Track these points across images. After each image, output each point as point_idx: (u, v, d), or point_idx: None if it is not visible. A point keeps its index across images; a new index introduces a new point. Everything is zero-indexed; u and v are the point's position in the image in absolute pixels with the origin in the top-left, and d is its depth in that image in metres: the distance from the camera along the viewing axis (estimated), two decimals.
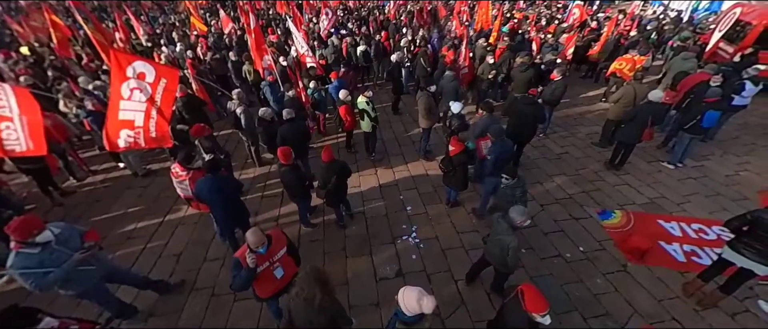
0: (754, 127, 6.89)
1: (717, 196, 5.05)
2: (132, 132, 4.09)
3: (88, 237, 2.99)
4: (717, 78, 5.26)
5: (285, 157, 3.79)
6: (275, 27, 12.37)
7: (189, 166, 3.89)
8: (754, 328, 3.32)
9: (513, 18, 11.78)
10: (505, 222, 2.93)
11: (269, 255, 2.68)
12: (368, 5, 17.40)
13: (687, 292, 3.64)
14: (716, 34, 9.22)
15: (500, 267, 3.18)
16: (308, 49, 7.57)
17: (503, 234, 2.91)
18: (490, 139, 4.18)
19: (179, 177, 3.86)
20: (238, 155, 6.50)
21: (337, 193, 4.13)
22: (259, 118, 5.23)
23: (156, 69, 4.12)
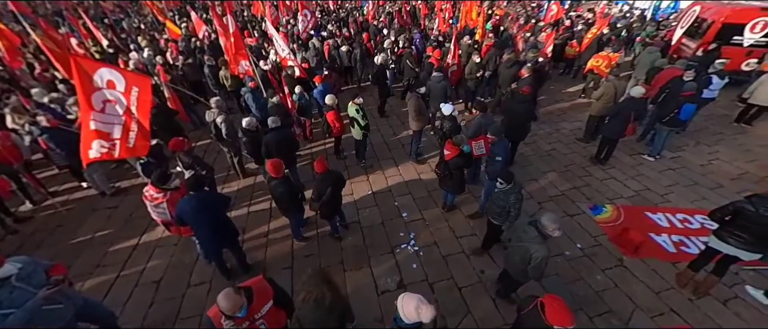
0: (720, 117, 7.34)
1: (695, 186, 5.30)
2: (107, 142, 3.71)
3: (54, 271, 2.64)
4: (690, 73, 5.53)
5: (275, 170, 3.54)
6: (252, 30, 11.86)
7: (165, 187, 3.53)
8: (751, 315, 3.44)
9: (494, 15, 11.96)
10: (534, 229, 2.72)
11: (251, 313, 2.13)
12: (346, 6, 17.14)
13: (681, 283, 3.74)
14: (678, 30, 9.83)
15: (518, 276, 3.06)
16: (290, 51, 7.26)
17: (530, 243, 2.71)
18: (490, 139, 4.11)
19: (155, 200, 3.49)
20: (218, 167, 6.09)
21: (332, 205, 3.92)
22: (242, 128, 4.90)
23: (125, 77, 3.74)
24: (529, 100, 5.04)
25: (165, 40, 10.79)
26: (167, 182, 3.56)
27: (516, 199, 3.40)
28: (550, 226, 2.61)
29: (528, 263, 2.75)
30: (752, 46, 8.00)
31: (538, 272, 2.75)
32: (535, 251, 2.67)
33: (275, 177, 3.57)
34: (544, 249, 2.65)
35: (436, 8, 14.37)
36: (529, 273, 2.81)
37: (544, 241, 2.67)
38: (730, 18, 8.05)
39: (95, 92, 3.56)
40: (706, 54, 7.57)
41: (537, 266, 2.70)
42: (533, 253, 2.67)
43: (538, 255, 2.65)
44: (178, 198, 3.49)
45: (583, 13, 12.62)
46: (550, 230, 2.62)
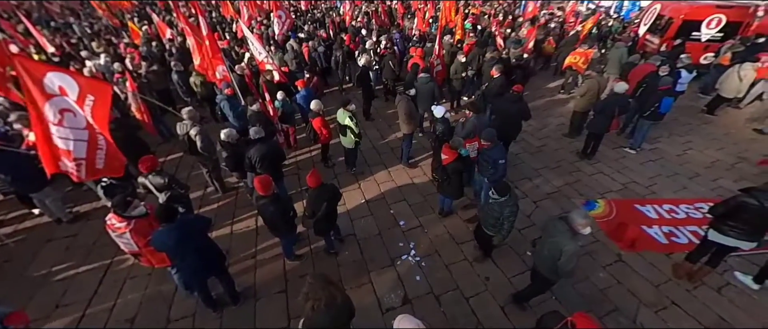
0: (687, 108, 7.77)
1: (676, 176, 5.52)
2: (70, 162, 3.19)
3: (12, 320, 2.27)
4: (665, 68, 5.76)
5: (264, 188, 3.20)
6: (222, 32, 11.15)
7: (127, 215, 3.07)
8: (742, 300, 3.56)
9: (471, 13, 12.06)
10: (564, 223, 2.70)
11: None
12: (322, 6, 16.67)
13: (678, 274, 3.82)
14: (642, 27, 10.39)
15: (548, 273, 2.98)
16: (267, 55, 6.82)
17: (560, 237, 2.68)
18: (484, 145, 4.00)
19: (117, 230, 3.03)
20: (193, 183, 5.59)
21: (327, 221, 3.63)
22: (221, 141, 4.47)
23: (79, 82, 3.25)
24: (521, 99, 5.00)
25: (125, 44, 9.86)
26: (128, 209, 3.10)
27: (511, 213, 3.26)
28: (580, 222, 2.60)
29: (558, 258, 2.70)
30: (709, 40, 8.57)
31: (568, 267, 2.69)
32: (564, 245, 2.63)
33: (264, 195, 3.23)
34: (574, 244, 2.62)
35: (412, 7, 14.32)
36: (559, 269, 2.76)
37: (574, 236, 2.65)
38: (688, 15, 8.59)
39: (49, 100, 3.05)
40: (672, 49, 7.99)
41: (567, 260, 2.65)
42: (564, 247, 2.64)
43: (569, 249, 2.62)
44: (146, 227, 3.07)
45: (554, 11, 13.03)
46: (580, 226, 2.60)
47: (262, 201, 3.26)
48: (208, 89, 7.08)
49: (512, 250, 4.25)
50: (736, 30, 8.25)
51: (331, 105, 7.69)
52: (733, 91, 6.42)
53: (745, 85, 6.27)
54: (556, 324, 2.18)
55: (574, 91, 8.49)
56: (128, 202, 3.07)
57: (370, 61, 7.51)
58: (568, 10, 12.85)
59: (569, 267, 2.68)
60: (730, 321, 3.36)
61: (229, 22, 13.12)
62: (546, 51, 9.55)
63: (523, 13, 11.97)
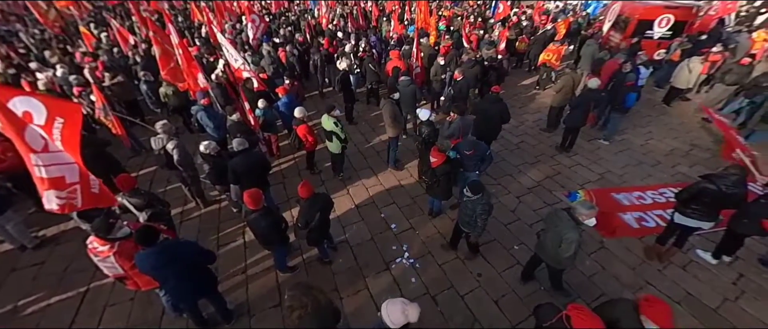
0: (645, 101, 8.35)
1: (641, 164, 5.95)
2: (63, 191, 2.93)
3: None
4: (627, 65, 6.20)
5: (255, 202, 3.11)
6: (191, 38, 10.65)
7: (111, 237, 2.89)
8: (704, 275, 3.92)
9: (443, 15, 12.30)
10: (566, 214, 2.86)
11: None
12: (296, 9, 16.35)
13: (649, 256, 4.13)
14: (607, 24, 11.09)
15: (551, 262, 3.14)
16: (243, 61, 6.60)
17: (563, 227, 2.84)
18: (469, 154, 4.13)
19: (101, 254, 2.84)
20: (170, 198, 5.32)
21: (320, 231, 3.59)
22: (202, 154, 4.28)
23: (46, 104, 3.00)
24: (501, 100, 5.19)
25: (81, 53, 9.16)
26: (112, 231, 2.91)
27: (483, 211, 3.34)
28: (583, 212, 2.76)
29: (558, 246, 2.87)
30: (661, 38, 9.30)
31: (568, 253, 2.86)
32: (566, 233, 2.80)
33: (255, 209, 3.14)
34: (575, 233, 2.78)
35: (387, 9, 14.40)
36: (560, 256, 2.91)
37: (576, 226, 2.80)
38: (643, 15, 9.27)
39: (25, 126, 2.79)
40: (630, 47, 8.59)
41: (567, 247, 2.82)
42: (565, 235, 2.80)
43: (569, 237, 2.78)
44: (131, 249, 2.89)
45: (526, 10, 13.60)
46: (584, 216, 2.76)
47: (253, 215, 3.17)
48: (180, 99, 6.74)
49: (500, 245, 4.41)
50: (683, 28, 9.01)
51: (312, 110, 7.61)
52: (684, 82, 7.04)
53: (694, 77, 6.90)
54: (551, 315, 2.30)
55: (548, 86, 8.94)
56: (111, 224, 2.88)
57: (351, 64, 7.48)
58: (535, 9, 13.45)
59: (568, 254, 2.86)
60: (696, 295, 3.68)
61: (198, 27, 12.55)
62: (519, 49, 9.94)
63: (494, 15, 12.37)
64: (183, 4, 18.14)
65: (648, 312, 2.10)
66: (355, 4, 15.21)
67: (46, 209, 2.99)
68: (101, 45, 9.84)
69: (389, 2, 14.64)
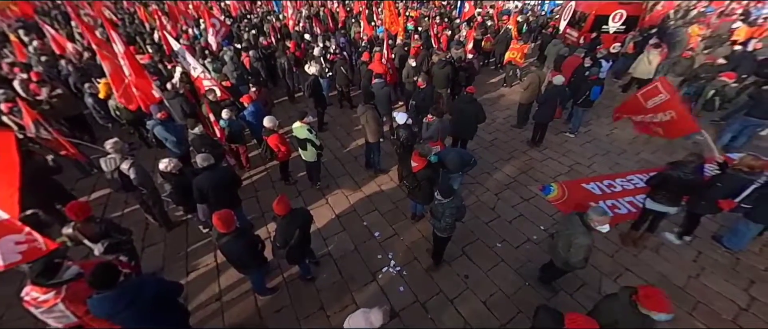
0: (606, 92, 8.82)
1: (608, 154, 6.27)
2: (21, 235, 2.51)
3: None
4: (588, 60, 6.51)
5: (226, 224, 2.82)
6: (143, 44, 9.78)
7: (56, 282, 2.49)
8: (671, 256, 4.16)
9: (410, 16, 12.32)
10: (578, 219, 2.86)
11: None
12: (258, 11, 15.63)
13: (625, 242, 4.33)
14: (563, 22, 11.69)
15: (561, 265, 3.17)
16: (203, 69, 6.14)
17: (574, 231, 2.84)
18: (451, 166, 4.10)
19: (43, 304, 2.43)
20: (128, 221, 4.83)
21: (301, 248, 3.36)
22: (162, 172, 3.87)
23: None
24: (475, 100, 5.21)
25: (9, 64, 8.05)
26: (58, 273, 2.52)
27: (450, 214, 3.33)
28: (596, 218, 2.76)
29: (567, 249, 2.89)
30: (616, 32, 9.95)
31: (577, 258, 2.88)
32: (576, 237, 2.82)
33: (226, 232, 2.85)
34: (586, 238, 2.80)
35: (355, 10, 14.19)
36: (570, 259, 2.93)
37: (587, 231, 2.81)
38: (599, 11, 9.86)
39: None
40: (590, 41, 9.08)
41: (576, 252, 2.84)
42: (575, 240, 2.82)
43: (580, 242, 2.80)
44: (83, 291, 2.51)
45: (488, 10, 13.98)
46: (595, 222, 2.77)
47: (225, 239, 2.88)
48: (130, 113, 6.11)
49: (483, 243, 4.42)
50: (636, 23, 9.69)
51: (282, 117, 7.24)
52: (644, 73, 7.58)
53: (653, 67, 7.45)
54: (549, 318, 2.27)
55: (515, 83, 9.21)
56: (56, 266, 2.48)
57: (322, 69, 7.21)
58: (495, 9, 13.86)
59: (578, 258, 2.88)
60: (667, 276, 3.90)
61: (150, 31, 11.60)
62: (485, 48, 10.16)
63: (460, 15, 12.59)
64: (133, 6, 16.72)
65: (650, 305, 2.16)
66: (321, 5, 14.85)
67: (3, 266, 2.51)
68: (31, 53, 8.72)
69: (356, 3, 14.42)
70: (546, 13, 13.87)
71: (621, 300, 2.37)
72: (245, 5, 17.50)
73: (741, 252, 4.14)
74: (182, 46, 6.39)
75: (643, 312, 2.21)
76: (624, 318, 2.31)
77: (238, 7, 15.59)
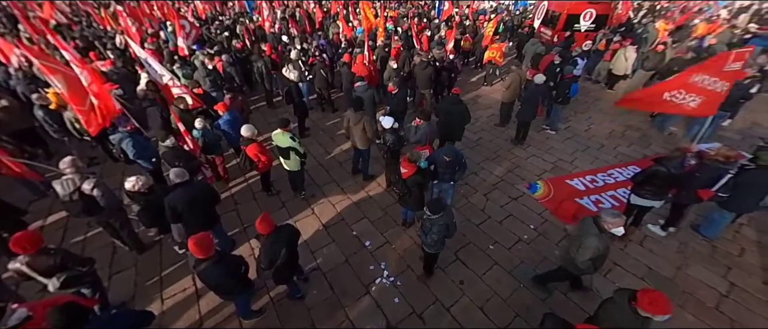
0: (581, 89, 9.17)
1: (588, 149, 6.44)
2: None
3: None
4: (557, 58, 6.73)
5: (204, 249, 2.55)
6: (103, 49, 9.04)
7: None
8: (656, 247, 4.29)
9: (389, 16, 12.21)
10: (592, 222, 2.82)
11: None
12: (230, 12, 14.96)
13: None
14: (536, 20, 12.00)
15: (567, 265, 3.13)
16: (171, 76, 5.71)
17: (586, 236, 2.79)
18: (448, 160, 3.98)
19: None
20: (93, 247, 4.40)
21: (288, 268, 3.13)
22: (129, 192, 3.51)
23: None
24: (461, 101, 5.17)
25: None
26: (1, 319, 2.19)
27: (438, 230, 3.25)
28: (609, 221, 2.71)
29: (577, 250, 2.85)
30: (587, 30, 10.31)
31: (584, 256, 2.82)
32: (585, 239, 2.78)
33: (205, 258, 2.59)
34: (595, 240, 2.75)
35: (332, 11, 13.91)
36: (576, 259, 2.89)
37: (599, 234, 2.76)
38: (570, 10, 10.16)
39: None
40: (565, 40, 9.35)
41: (584, 251, 2.79)
42: (584, 240, 2.78)
43: (588, 243, 2.75)
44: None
45: (464, 10, 14.14)
46: (609, 224, 2.72)
47: (203, 265, 2.61)
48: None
49: (476, 247, 4.36)
50: (605, 21, 10.09)
51: (260, 123, 6.92)
52: (622, 69, 7.92)
53: (630, 63, 7.79)
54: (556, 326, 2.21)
55: (495, 82, 9.32)
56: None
57: (301, 73, 6.92)
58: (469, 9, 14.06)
59: (583, 258, 2.83)
60: (655, 268, 4.00)
61: (111, 35, 10.78)
62: (464, 48, 10.24)
63: (440, 15, 12.62)
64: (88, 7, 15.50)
65: (654, 310, 2.14)
66: (296, 5, 14.44)
67: None
68: None
69: (334, 3, 14.14)
70: (520, 13, 14.20)
71: (619, 305, 2.36)
72: (216, 5, 16.75)
73: (716, 239, 4.33)
74: (147, 52, 5.93)
75: (643, 315, 2.21)
76: (625, 323, 2.30)
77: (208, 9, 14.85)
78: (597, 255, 2.82)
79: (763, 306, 3.56)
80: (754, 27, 11.43)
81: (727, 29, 10.13)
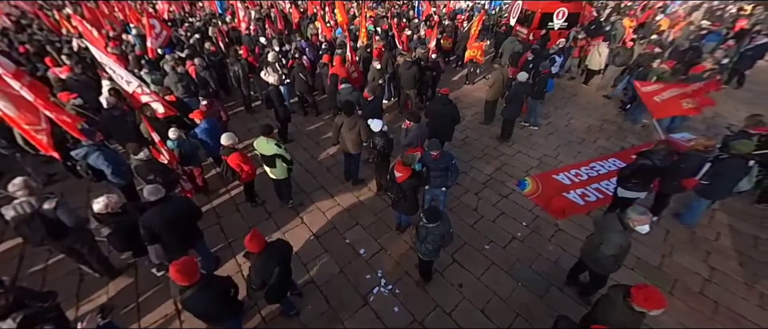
0: (558, 84, 9.47)
1: (570, 143, 6.62)
2: None
3: None
4: (529, 54, 6.94)
5: (187, 276, 2.31)
6: (57, 54, 8.25)
7: None
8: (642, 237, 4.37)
9: (369, 16, 12.06)
10: (616, 219, 2.77)
11: None
12: (200, 14, 14.21)
13: None
14: (512, 19, 12.28)
15: (591, 263, 3.09)
16: (139, 83, 5.28)
17: (610, 232, 2.75)
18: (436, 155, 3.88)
19: None
20: (55, 278, 3.96)
21: (282, 285, 2.93)
22: (97, 214, 3.16)
23: None
24: (450, 101, 5.13)
25: None
26: None
27: (432, 240, 3.17)
28: (635, 218, 2.67)
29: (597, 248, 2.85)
30: (560, 28, 10.66)
31: (607, 252, 2.79)
32: (608, 234, 2.76)
33: (190, 284, 2.34)
34: (619, 237, 2.73)
35: (309, 11, 13.57)
36: (598, 256, 2.87)
37: (623, 231, 2.74)
38: (544, 9, 10.47)
39: None
40: (541, 38, 9.61)
41: (606, 247, 2.77)
42: (606, 236, 2.76)
43: (612, 240, 2.73)
44: None
45: (441, 9, 14.25)
46: (634, 222, 2.68)
47: (188, 292, 2.36)
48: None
49: (472, 247, 4.33)
50: (577, 19, 10.47)
51: (240, 130, 6.59)
52: (597, 64, 8.26)
53: (603, 59, 8.15)
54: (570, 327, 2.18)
55: (477, 80, 9.43)
56: None
57: (281, 77, 6.62)
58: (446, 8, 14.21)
59: (607, 253, 2.80)
60: (643, 258, 4.13)
61: (67, 40, 9.90)
62: (445, 47, 10.28)
63: (420, 15, 12.63)
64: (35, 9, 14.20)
65: (650, 305, 2.17)
66: (271, 6, 13.96)
67: None
68: None
69: (309, 3, 13.79)
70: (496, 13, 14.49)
71: (615, 301, 2.40)
72: (184, 6, 15.87)
73: (695, 226, 4.55)
74: (109, 56, 5.45)
75: (638, 309, 2.24)
76: (623, 318, 2.33)
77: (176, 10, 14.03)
78: (619, 252, 2.82)
79: (742, 288, 3.76)
80: (707, 23, 12.33)
81: (686, 25, 10.85)
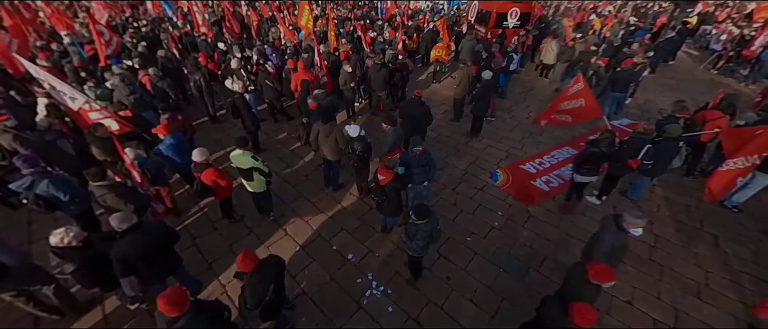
0: (514, 80, 10.15)
1: (532, 135, 7.17)
2: None
3: None
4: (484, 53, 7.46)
5: (178, 306, 2.19)
6: None
7: None
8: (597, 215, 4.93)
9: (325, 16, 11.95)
10: (612, 220, 2.93)
11: None
12: (146, 18, 13.02)
13: (563, 212, 5.00)
14: (470, 19, 12.89)
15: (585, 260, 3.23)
16: (86, 98, 4.79)
17: (604, 232, 2.94)
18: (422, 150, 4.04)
19: None
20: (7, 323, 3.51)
21: (276, 303, 2.88)
22: (55, 249, 2.84)
23: None
24: (424, 103, 5.31)
25: None
26: None
27: (422, 236, 3.29)
28: (629, 221, 2.84)
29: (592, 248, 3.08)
30: (514, 27, 11.41)
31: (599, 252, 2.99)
32: (603, 235, 2.96)
33: (180, 315, 2.23)
34: (610, 236, 2.92)
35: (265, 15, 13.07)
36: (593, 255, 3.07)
37: (617, 232, 2.92)
38: (499, 9, 11.14)
39: None
40: (498, 36, 10.21)
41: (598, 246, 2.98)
42: (603, 237, 2.95)
43: (606, 240, 2.93)
44: None
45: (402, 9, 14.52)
46: (628, 224, 2.84)
47: (181, 322, 2.24)
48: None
49: (455, 241, 4.55)
50: (528, 18, 11.28)
51: (206, 143, 6.23)
52: (550, 59, 8.99)
53: (555, 55, 8.90)
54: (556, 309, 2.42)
55: (443, 78, 9.79)
56: None
57: (245, 84, 6.36)
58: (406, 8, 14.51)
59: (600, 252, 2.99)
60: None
61: None
62: (410, 47, 10.54)
63: (383, 16, 12.75)
64: None
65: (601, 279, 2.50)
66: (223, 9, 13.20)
67: None
68: None
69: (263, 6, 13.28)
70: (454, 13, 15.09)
71: (576, 276, 2.70)
72: (123, 8, 14.41)
73: (640, 201, 5.20)
74: (43, 69, 4.86)
75: (593, 283, 2.55)
76: (583, 291, 2.62)
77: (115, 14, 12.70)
78: (610, 251, 2.97)
79: (681, 250, 4.39)
80: (634, 20, 13.95)
81: (615, 23, 12.17)
